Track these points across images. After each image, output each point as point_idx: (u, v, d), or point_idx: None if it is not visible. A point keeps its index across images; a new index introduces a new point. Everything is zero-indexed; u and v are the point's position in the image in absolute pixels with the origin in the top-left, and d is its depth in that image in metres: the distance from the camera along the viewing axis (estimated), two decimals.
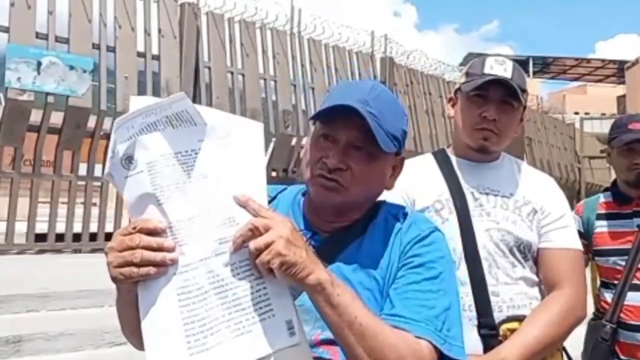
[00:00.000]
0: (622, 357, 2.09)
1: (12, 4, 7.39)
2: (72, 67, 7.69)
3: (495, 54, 2.41)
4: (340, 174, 1.10)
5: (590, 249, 2.21)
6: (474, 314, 1.51)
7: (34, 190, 7.71)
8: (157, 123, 0.99)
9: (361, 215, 1.18)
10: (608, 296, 2.16)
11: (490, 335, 1.51)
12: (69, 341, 4.07)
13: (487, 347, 1.50)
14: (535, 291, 1.62)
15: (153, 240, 0.94)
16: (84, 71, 7.79)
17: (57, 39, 7.79)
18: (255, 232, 0.94)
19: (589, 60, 40.41)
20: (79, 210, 8.07)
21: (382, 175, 1.17)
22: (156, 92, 8.56)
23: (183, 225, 0.96)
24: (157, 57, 8.66)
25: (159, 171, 0.98)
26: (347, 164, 1.10)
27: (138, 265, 0.93)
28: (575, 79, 42.27)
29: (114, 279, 0.96)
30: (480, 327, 1.50)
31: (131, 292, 0.97)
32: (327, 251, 1.09)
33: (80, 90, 7.73)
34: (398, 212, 1.19)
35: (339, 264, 1.09)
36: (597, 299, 2.26)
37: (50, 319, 4.40)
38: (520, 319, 1.54)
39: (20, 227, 7.55)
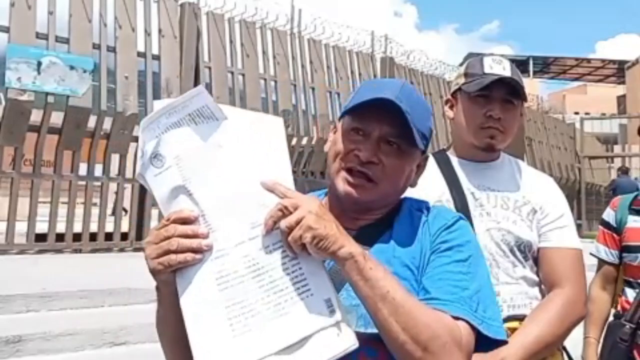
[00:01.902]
0: None
1: (12, 4, 7.39)
2: (72, 67, 7.68)
3: (491, 54, 2.41)
4: (372, 168, 1.11)
5: (620, 245, 2.20)
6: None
7: (34, 190, 7.71)
8: (180, 121, 1.03)
9: (387, 212, 1.18)
10: (630, 295, 2.14)
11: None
12: (69, 341, 4.07)
13: None
14: (535, 291, 1.63)
15: (188, 228, 0.97)
16: (84, 71, 7.79)
17: (58, 39, 7.78)
18: (285, 211, 0.96)
19: (589, 60, 40.43)
20: (79, 210, 8.08)
21: (410, 172, 1.18)
22: (156, 92, 8.57)
23: (214, 212, 0.99)
24: (157, 57, 8.67)
25: (186, 164, 1.01)
26: (379, 158, 1.11)
27: (176, 252, 0.96)
28: (576, 79, 42.31)
29: (152, 271, 0.99)
30: None
31: (169, 288, 0.99)
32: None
33: (80, 90, 7.73)
34: (421, 206, 1.21)
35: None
36: (619, 298, 2.23)
37: (51, 319, 4.40)
38: (520, 318, 1.55)
39: (21, 227, 7.56)
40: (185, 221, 0.98)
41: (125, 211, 8.57)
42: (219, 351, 0.94)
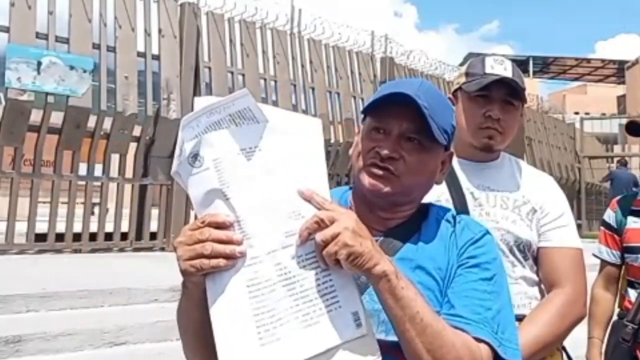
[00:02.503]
0: None
1: (12, 4, 7.39)
2: (72, 67, 7.68)
3: (492, 54, 2.41)
4: (393, 163, 1.11)
5: (621, 246, 2.20)
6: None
7: (34, 190, 7.70)
8: (221, 121, 1.02)
9: (413, 211, 1.19)
10: (633, 296, 2.14)
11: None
12: (68, 341, 4.07)
13: None
14: (535, 291, 1.62)
15: (222, 234, 0.96)
16: (84, 71, 7.78)
17: (57, 39, 7.78)
18: (321, 224, 0.95)
19: (589, 60, 40.43)
20: (79, 210, 8.08)
21: (433, 168, 1.18)
22: (156, 92, 8.56)
23: (250, 219, 0.99)
24: (157, 57, 8.66)
25: (225, 167, 1.01)
26: (399, 153, 1.11)
27: (209, 257, 0.95)
28: (576, 79, 42.29)
29: (183, 272, 0.98)
30: None
31: (198, 288, 0.99)
32: (385, 250, 1.09)
33: (80, 90, 7.72)
34: (447, 215, 1.21)
35: (398, 263, 1.09)
36: (622, 298, 2.23)
37: (50, 319, 4.40)
38: (519, 318, 1.54)
39: (20, 226, 7.55)
40: (220, 226, 0.97)
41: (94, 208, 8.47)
42: (245, 359, 0.94)
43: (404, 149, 1.12)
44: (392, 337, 1.02)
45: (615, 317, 2.24)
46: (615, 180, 13.30)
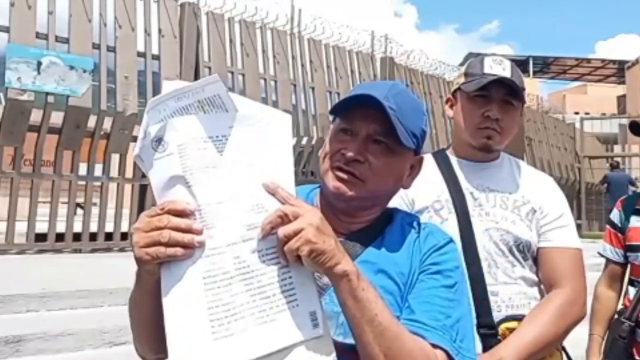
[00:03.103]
0: (637, 358, 2.07)
1: (12, 4, 7.39)
2: (72, 67, 7.68)
3: (492, 54, 2.41)
4: (358, 167, 1.09)
5: (624, 244, 2.21)
6: (473, 313, 1.51)
7: (34, 190, 7.71)
8: (189, 107, 0.99)
9: (377, 215, 1.17)
10: (632, 294, 2.15)
11: (489, 334, 1.51)
12: (68, 341, 4.07)
13: (486, 347, 1.50)
14: (534, 291, 1.62)
15: (182, 222, 0.93)
16: (84, 71, 7.78)
17: (57, 39, 7.78)
18: (284, 219, 0.93)
19: (589, 60, 40.39)
20: (79, 210, 8.08)
21: (400, 172, 1.16)
22: (156, 92, 8.53)
23: (211, 209, 0.96)
24: (157, 57, 8.66)
25: (189, 154, 0.97)
26: (365, 156, 1.09)
27: (166, 245, 0.92)
28: (576, 79, 42.25)
29: (138, 260, 0.95)
30: (479, 326, 1.50)
31: (152, 277, 0.96)
32: (347, 252, 1.07)
33: (80, 90, 7.72)
34: (412, 221, 1.19)
35: (359, 266, 1.07)
36: (624, 296, 2.25)
37: (50, 319, 4.39)
38: (519, 318, 1.54)
39: (20, 226, 7.56)
40: (179, 213, 0.94)
41: (82, 208, 8.44)
42: (196, 353, 0.91)
43: (370, 151, 1.10)
44: (350, 340, 1.01)
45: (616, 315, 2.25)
46: (611, 184, 13.43)
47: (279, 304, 0.94)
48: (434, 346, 1.02)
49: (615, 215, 2.29)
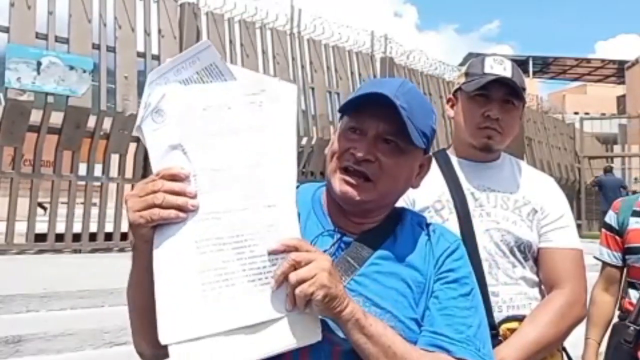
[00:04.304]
0: None
1: (12, 4, 7.39)
2: (72, 67, 7.68)
3: (493, 54, 2.40)
4: (368, 166, 1.07)
5: (622, 247, 2.20)
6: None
7: (33, 190, 7.71)
8: (188, 80, 1.00)
9: (387, 214, 1.16)
10: (634, 297, 2.14)
11: (490, 335, 1.51)
12: (69, 341, 4.07)
13: None
14: (535, 291, 1.62)
15: (175, 185, 0.94)
16: (84, 71, 7.78)
17: (57, 39, 7.78)
18: (297, 267, 0.93)
19: (588, 60, 40.35)
20: (78, 210, 8.07)
21: (410, 171, 1.14)
22: None
23: (207, 175, 0.97)
24: (157, 57, 8.65)
25: (187, 123, 0.99)
26: (375, 155, 1.07)
27: (160, 207, 0.92)
28: (575, 79, 42.22)
29: (132, 224, 0.95)
30: None
31: (147, 245, 0.96)
32: (359, 253, 1.08)
33: (80, 90, 7.72)
34: (421, 221, 1.19)
35: (372, 268, 1.08)
36: (622, 300, 2.23)
37: (50, 319, 4.39)
38: (520, 319, 1.54)
39: (20, 227, 7.55)
40: (174, 178, 0.95)
41: (44, 208, 8.35)
42: (186, 315, 0.92)
43: (379, 150, 1.08)
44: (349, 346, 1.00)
45: (615, 319, 2.24)
46: (603, 187, 13.56)
47: (268, 276, 0.95)
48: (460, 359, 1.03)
49: (612, 217, 2.27)
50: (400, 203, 1.36)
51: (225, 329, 0.92)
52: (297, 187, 1.20)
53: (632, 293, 2.15)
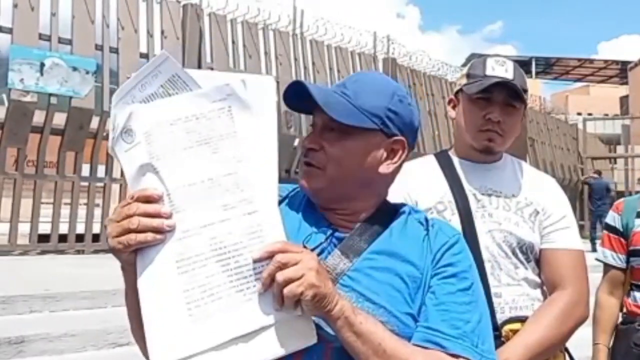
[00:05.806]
0: None
1: (15, 6, 7.41)
2: (75, 68, 7.70)
3: (495, 55, 2.40)
4: (314, 155, 1.09)
5: (628, 249, 2.17)
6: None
7: (37, 191, 7.73)
8: (153, 95, 0.98)
9: (375, 206, 1.14)
10: (639, 298, 2.11)
11: (493, 336, 1.51)
12: (71, 342, 4.08)
13: None
14: (537, 292, 1.62)
15: (150, 207, 0.94)
16: (87, 72, 7.80)
17: (60, 40, 7.81)
18: (283, 268, 0.92)
19: (592, 61, 40.27)
20: (81, 211, 8.09)
21: (363, 154, 1.09)
22: None
23: (182, 192, 0.95)
24: None
25: (155, 140, 0.96)
26: (320, 144, 1.08)
27: (136, 231, 0.92)
28: (578, 80, 42.14)
29: (112, 250, 0.96)
30: None
31: (132, 267, 0.96)
32: (352, 249, 1.07)
33: (83, 91, 7.75)
34: (420, 216, 1.16)
35: (366, 263, 1.06)
36: (625, 301, 2.19)
37: (53, 319, 4.41)
38: (522, 320, 1.54)
39: (23, 227, 7.57)
40: (148, 199, 0.94)
41: None
42: (174, 337, 0.91)
43: (325, 139, 1.08)
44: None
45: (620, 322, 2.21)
46: (594, 189, 13.79)
47: (256, 284, 0.93)
48: (455, 356, 1.01)
49: (615, 219, 2.23)
50: None
51: (217, 343, 0.91)
52: (296, 188, 1.20)
53: (638, 295, 2.13)
